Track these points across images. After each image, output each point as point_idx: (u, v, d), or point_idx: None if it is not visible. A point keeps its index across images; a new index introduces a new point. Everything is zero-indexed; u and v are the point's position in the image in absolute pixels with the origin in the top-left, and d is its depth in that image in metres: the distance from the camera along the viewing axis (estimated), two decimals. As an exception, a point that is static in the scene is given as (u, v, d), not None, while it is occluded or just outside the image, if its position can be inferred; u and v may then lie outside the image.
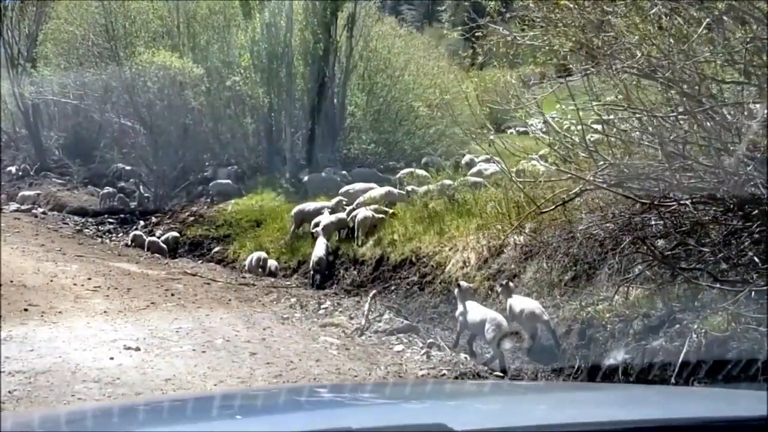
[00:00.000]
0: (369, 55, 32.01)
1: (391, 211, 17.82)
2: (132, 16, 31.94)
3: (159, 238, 23.33)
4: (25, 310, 11.17)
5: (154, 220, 27.69)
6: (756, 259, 8.11)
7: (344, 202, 19.84)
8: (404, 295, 14.77)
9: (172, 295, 13.40)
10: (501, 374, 10.17)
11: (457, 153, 30.47)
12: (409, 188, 19.16)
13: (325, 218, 18.22)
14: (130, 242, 23.28)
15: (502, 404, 3.45)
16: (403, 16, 61.40)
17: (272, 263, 18.39)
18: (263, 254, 18.57)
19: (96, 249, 21.05)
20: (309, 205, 20.38)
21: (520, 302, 11.17)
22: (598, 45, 8.18)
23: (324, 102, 29.51)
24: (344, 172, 26.74)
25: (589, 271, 11.41)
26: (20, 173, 34.50)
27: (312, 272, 17.10)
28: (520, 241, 13.32)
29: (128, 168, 32.07)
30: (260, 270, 18.01)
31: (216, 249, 22.44)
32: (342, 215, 18.57)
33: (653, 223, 9.79)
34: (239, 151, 31.91)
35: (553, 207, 9.81)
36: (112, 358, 8.65)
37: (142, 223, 27.46)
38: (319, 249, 17.13)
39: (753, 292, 7.82)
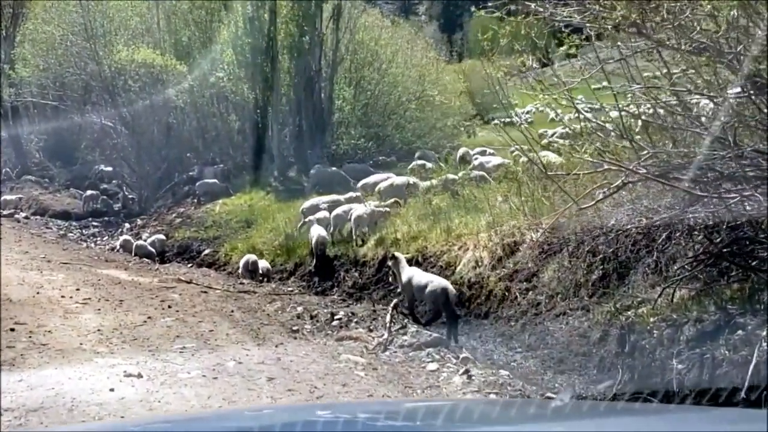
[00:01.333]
0: (355, 47, 31.44)
1: (394, 200, 17.08)
2: (111, 14, 31.04)
3: (146, 241, 22.53)
4: (12, 330, 10.21)
5: (139, 222, 27.03)
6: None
7: (362, 196, 19.00)
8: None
9: (169, 307, 12.49)
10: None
11: (448, 146, 29.97)
12: (411, 181, 18.30)
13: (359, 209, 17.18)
14: (118, 247, 22.59)
15: None
16: (381, 10, 61.00)
17: (263, 264, 17.63)
18: (253, 257, 17.72)
19: (82, 254, 20.20)
20: (322, 199, 19.53)
21: (423, 276, 12.06)
22: (653, 19, 7.32)
23: (311, 97, 28.83)
24: (333, 168, 25.94)
25: (620, 269, 10.57)
26: (1, 177, 33.50)
27: (315, 255, 16.60)
28: (537, 238, 12.46)
29: (110, 169, 31.38)
30: (250, 273, 17.21)
31: (206, 251, 21.61)
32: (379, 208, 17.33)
33: (701, 216, 8.94)
34: (225, 150, 31.35)
35: (593, 203, 8.95)
36: (112, 390, 7.69)
37: (127, 225, 26.80)
38: (318, 230, 16.78)
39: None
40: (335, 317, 11.93)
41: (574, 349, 9.98)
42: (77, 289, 13.84)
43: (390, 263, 13.63)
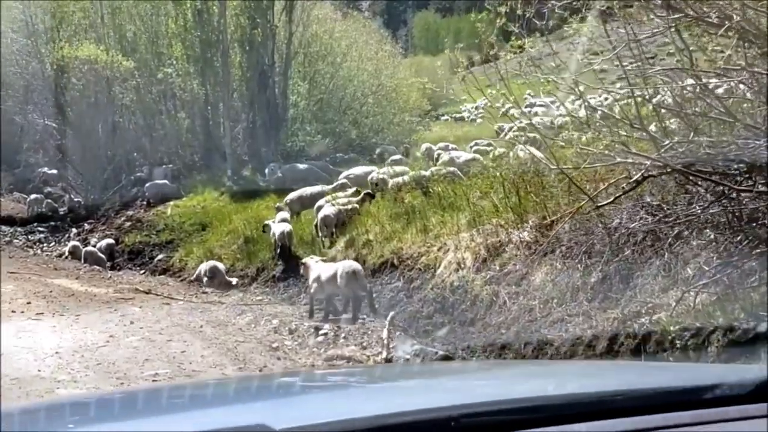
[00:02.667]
0: (309, 40, 30.79)
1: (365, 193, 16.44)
2: (52, 10, 29.73)
3: (95, 246, 21.60)
4: (-42, 355, 9.13)
5: (87, 226, 25.93)
6: None
7: (348, 186, 18.28)
8: (388, 304, 13.06)
9: (132, 323, 11.47)
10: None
11: (406, 141, 29.43)
12: (381, 176, 17.47)
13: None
14: (67, 253, 21.56)
15: (339, 396, 3.19)
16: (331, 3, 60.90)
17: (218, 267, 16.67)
18: (213, 264, 16.78)
19: (30, 262, 19.37)
20: (306, 190, 18.90)
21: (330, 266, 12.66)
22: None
23: (264, 92, 28.16)
24: (286, 166, 25.16)
25: (623, 271, 9.74)
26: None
27: (278, 253, 16.13)
28: (524, 238, 11.65)
29: (55, 172, 30.19)
30: (209, 280, 16.33)
31: (159, 257, 20.74)
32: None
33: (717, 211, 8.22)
34: (174, 149, 30.32)
35: (612, 200, 8.16)
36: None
37: (74, 230, 25.71)
38: (282, 225, 16.37)
39: None
40: (320, 332, 10.94)
41: (577, 359, 9.18)
42: (28, 303, 12.99)
43: (301, 270, 13.78)
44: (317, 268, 13.01)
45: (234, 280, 16.47)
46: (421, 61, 51.05)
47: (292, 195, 18.77)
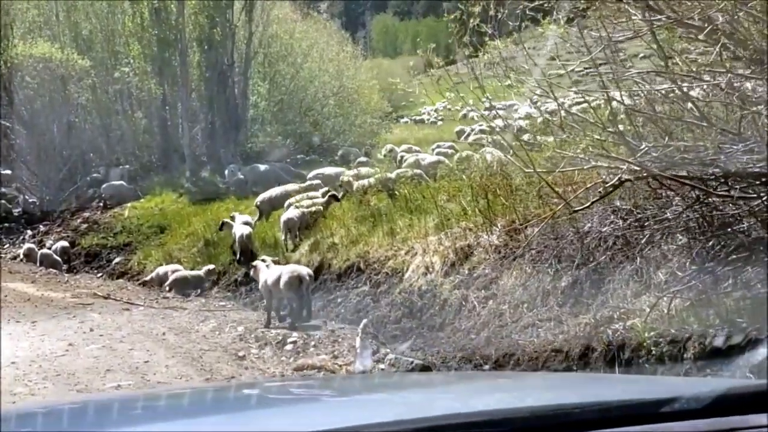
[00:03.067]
0: (269, 40, 30.48)
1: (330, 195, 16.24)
2: (5, 6, 28.89)
3: (51, 249, 21.15)
4: None
5: (42, 228, 25.38)
6: None
7: (320, 186, 18.14)
8: (354, 309, 12.83)
9: (91, 330, 11.07)
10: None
11: (368, 143, 29.26)
12: (346, 178, 17.23)
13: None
14: (22, 256, 21.25)
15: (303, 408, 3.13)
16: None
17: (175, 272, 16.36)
18: (172, 267, 16.50)
19: (-17, 266, 18.60)
20: (276, 190, 18.48)
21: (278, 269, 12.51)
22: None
23: (224, 92, 27.91)
24: (247, 167, 24.86)
25: (593, 276, 9.59)
26: None
27: (239, 257, 15.78)
28: (493, 242, 11.47)
29: (9, 172, 29.47)
30: (164, 285, 16.13)
31: (117, 260, 20.36)
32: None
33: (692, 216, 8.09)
34: (131, 150, 29.94)
35: (588, 204, 7.98)
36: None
37: (29, 232, 25.18)
38: (242, 228, 16.09)
39: None
40: (288, 340, 10.56)
41: (551, 366, 8.93)
42: (-19, 308, 12.41)
43: (251, 273, 13.50)
44: (266, 271, 12.78)
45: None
46: (381, 63, 51.01)
47: (263, 195, 18.39)
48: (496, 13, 8.35)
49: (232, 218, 17.23)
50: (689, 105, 7.41)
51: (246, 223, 16.47)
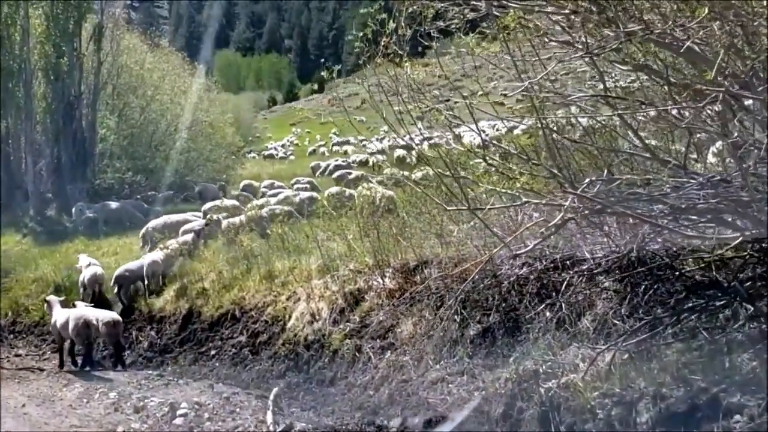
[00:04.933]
0: (119, 71, 29.12)
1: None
2: None
3: None
4: None
5: None
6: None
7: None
8: (231, 362, 11.77)
9: None
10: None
11: (220, 179, 28.36)
12: (215, 217, 16.20)
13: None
14: None
15: None
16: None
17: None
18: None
19: None
20: (171, 217, 17.96)
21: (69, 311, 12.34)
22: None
23: (70, 125, 26.69)
24: (97, 204, 23.42)
25: (507, 324, 8.81)
26: None
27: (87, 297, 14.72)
28: (386, 285, 10.65)
29: None
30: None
31: (-50, 313, 18.24)
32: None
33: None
34: (-32, 187, 27.56)
35: (531, 247, 7.25)
36: None
37: None
38: (92, 269, 15.28)
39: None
40: (177, 413, 8.91)
41: (468, 427, 8.14)
42: None
43: (45, 308, 13.65)
44: (58, 311, 12.76)
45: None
46: (227, 98, 50.24)
47: (154, 223, 17.64)
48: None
49: (77, 259, 16.33)
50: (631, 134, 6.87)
51: (92, 264, 15.55)
